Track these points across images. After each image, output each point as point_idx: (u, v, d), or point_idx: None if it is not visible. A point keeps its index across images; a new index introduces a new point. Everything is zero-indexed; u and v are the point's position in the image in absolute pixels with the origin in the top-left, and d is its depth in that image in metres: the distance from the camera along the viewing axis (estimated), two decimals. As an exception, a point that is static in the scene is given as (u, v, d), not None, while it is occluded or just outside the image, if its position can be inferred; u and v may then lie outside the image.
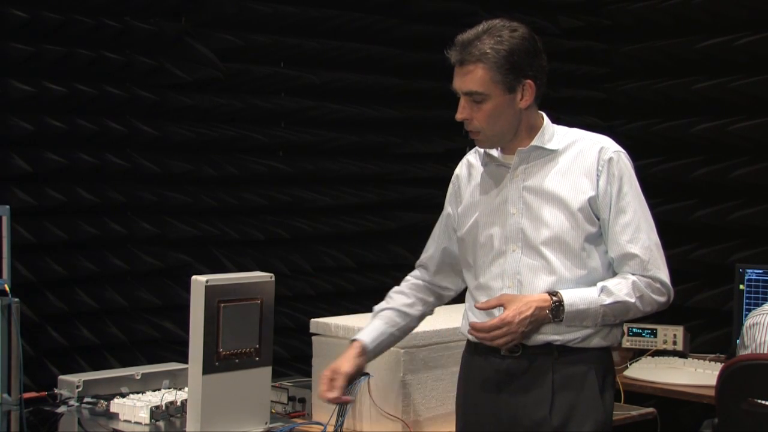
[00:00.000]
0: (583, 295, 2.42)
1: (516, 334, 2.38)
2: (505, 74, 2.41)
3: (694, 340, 4.21)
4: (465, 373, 2.62)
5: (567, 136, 2.53)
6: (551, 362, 2.46)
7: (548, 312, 2.40)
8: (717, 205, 4.37)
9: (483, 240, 2.53)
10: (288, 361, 3.84)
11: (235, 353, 2.49)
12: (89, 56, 3.45)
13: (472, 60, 2.41)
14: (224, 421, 2.49)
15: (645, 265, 2.44)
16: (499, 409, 2.50)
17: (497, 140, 2.50)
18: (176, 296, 3.63)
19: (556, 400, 2.45)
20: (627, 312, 2.46)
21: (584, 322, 2.43)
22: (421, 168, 4.39)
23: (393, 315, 2.66)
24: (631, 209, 2.45)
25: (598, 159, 2.46)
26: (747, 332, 3.16)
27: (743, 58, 4.29)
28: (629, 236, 2.44)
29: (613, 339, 2.52)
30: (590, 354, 2.48)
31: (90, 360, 3.43)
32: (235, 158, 3.90)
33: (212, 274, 2.50)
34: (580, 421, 2.45)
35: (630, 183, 2.47)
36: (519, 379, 2.48)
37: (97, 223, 3.52)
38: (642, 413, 3.45)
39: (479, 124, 2.45)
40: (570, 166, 2.48)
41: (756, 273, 3.89)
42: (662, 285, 2.46)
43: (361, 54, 4.23)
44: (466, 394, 2.61)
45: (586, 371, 2.47)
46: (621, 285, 2.43)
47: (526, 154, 2.51)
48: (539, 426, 2.45)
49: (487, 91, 2.42)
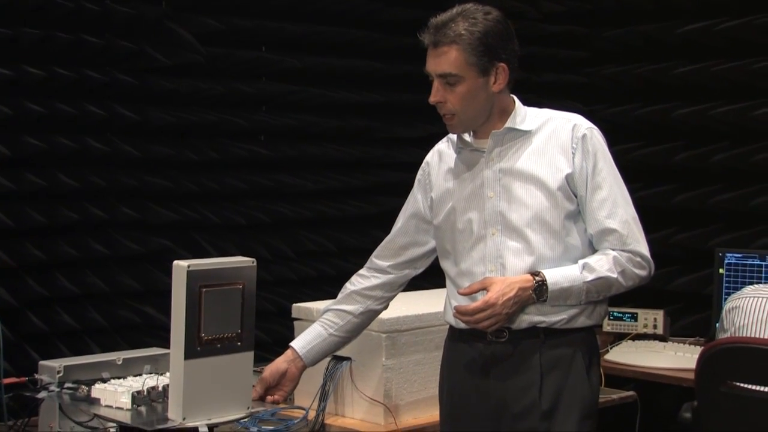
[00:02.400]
0: (566, 273, 2.43)
1: (500, 316, 2.39)
2: (479, 56, 2.42)
3: (674, 324, 4.23)
4: (448, 360, 2.63)
5: (539, 117, 2.54)
6: (538, 345, 2.47)
7: (532, 292, 2.41)
8: (697, 189, 4.39)
9: (461, 226, 2.53)
10: (270, 345, 3.83)
11: (217, 338, 2.49)
12: (68, 40, 3.42)
13: (446, 42, 2.42)
14: (206, 406, 2.48)
15: (624, 240, 2.46)
16: (487, 394, 2.51)
17: (470, 123, 2.50)
18: (157, 281, 3.62)
19: (544, 383, 2.46)
20: (610, 287, 2.47)
21: (568, 300, 2.44)
22: (404, 152, 4.39)
23: (331, 316, 2.70)
24: (607, 185, 2.47)
25: (572, 136, 2.48)
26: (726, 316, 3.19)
27: (724, 42, 4.31)
28: (607, 212, 2.46)
29: (598, 317, 2.54)
30: (576, 335, 2.49)
31: (71, 345, 3.42)
32: (216, 143, 3.89)
33: (194, 259, 2.49)
34: (568, 404, 2.47)
35: (604, 158, 2.49)
36: (506, 364, 2.49)
37: (77, 207, 3.50)
38: (622, 396, 3.48)
39: (453, 106, 2.46)
40: (545, 145, 2.49)
41: (735, 257, 3.92)
42: (642, 258, 2.48)
43: (344, 38, 4.22)
44: (450, 380, 2.62)
45: (573, 353, 2.49)
46: (602, 261, 2.45)
47: (500, 137, 2.51)
48: (529, 410, 2.46)
49: (461, 73, 2.42)
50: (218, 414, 2.52)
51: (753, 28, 4.19)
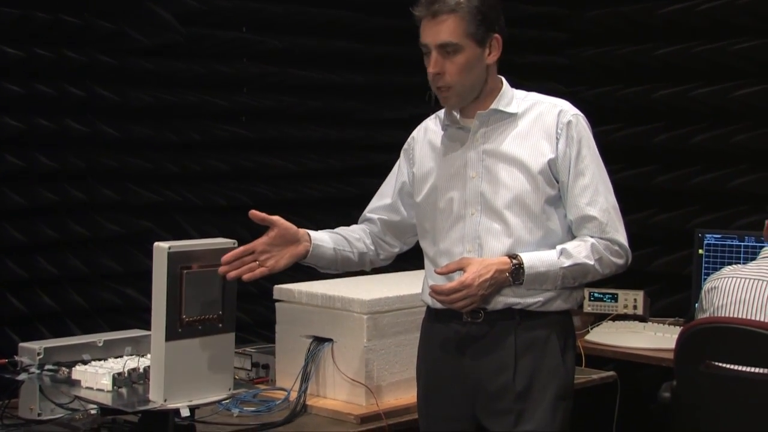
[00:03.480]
0: (543, 257, 2.44)
1: (475, 297, 2.40)
2: (477, 26, 2.43)
3: (654, 305, 4.26)
4: (426, 340, 2.64)
5: (526, 100, 2.54)
6: (513, 327, 2.48)
7: (508, 275, 2.42)
8: (677, 170, 4.41)
9: (442, 205, 2.54)
10: (252, 327, 3.84)
11: (198, 320, 2.49)
12: (47, 19, 3.39)
13: (446, 10, 2.42)
14: (187, 387, 2.49)
15: (603, 228, 2.47)
16: (462, 374, 2.52)
17: (466, 96, 2.50)
18: (138, 263, 3.61)
19: (518, 364, 2.48)
20: (586, 274, 2.48)
21: (544, 285, 2.46)
22: (386, 134, 4.38)
23: (338, 237, 2.69)
24: (589, 172, 2.48)
25: (557, 122, 2.48)
26: (705, 296, 3.21)
27: (704, 24, 4.31)
28: (588, 199, 2.47)
29: (574, 302, 2.55)
30: (551, 318, 2.50)
31: (51, 327, 3.40)
32: (197, 124, 3.87)
33: (175, 241, 2.48)
34: (543, 385, 2.48)
35: (588, 146, 2.50)
36: (481, 345, 2.50)
37: (57, 189, 3.48)
38: (603, 377, 3.50)
39: (451, 78, 2.46)
40: (529, 129, 2.50)
41: (715, 237, 3.94)
42: (620, 247, 2.49)
43: (325, 18, 4.20)
44: (427, 360, 2.63)
45: (548, 335, 2.50)
46: (580, 247, 2.46)
47: (486, 118, 2.52)
48: (503, 390, 2.48)
49: (461, 42, 2.43)
50: (199, 395, 2.52)
51: (733, 8, 4.20)
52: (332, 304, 2.99)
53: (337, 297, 2.99)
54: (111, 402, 2.54)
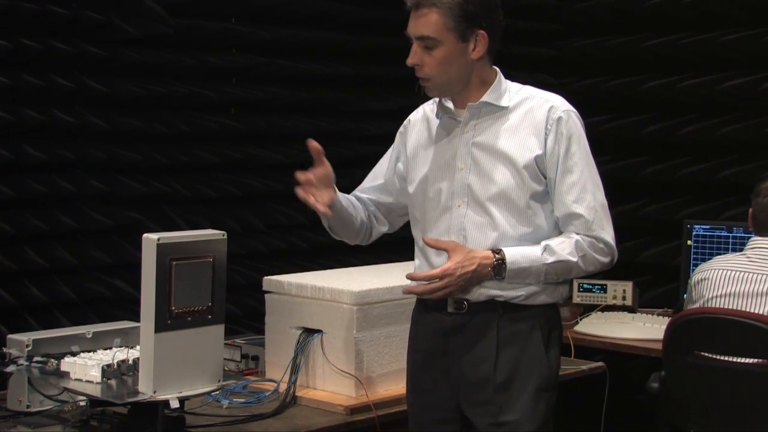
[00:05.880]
0: (526, 253, 2.44)
1: (454, 287, 2.41)
2: (458, 21, 2.42)
3: (643, 295, 4.28)
4: (414, 330, 2.65)
5: (519, 94, 2.54)
6: (496, 319, 2.48)
7: (491, 269, 2.42)
8: (666, 161, 4.42)
9: (432, 195, 2.55)
10: (241, 318, 3.84)
11: (188, 311, 2.49)
12: (35, 10, 3.37)
13: (426, 4, 2.42)
14: (177, 379, 2.48)
15: (589, 225, 2.46)
16: (447, 364, 2.53)
17: (446, 89, 2.51)
18: (127, 254, 3.60)
19: (500, 356, 2.48)
20: (569, 271, 2.48)
21: (526, 279, 2.46)
22: (374, 125, 4.38)
23: (349, 201, 2.72)
24: (578, 169, 2.47)
25: (547, 118, 2.48)
26: (694, 287, 3.23)
27: (693, 15, 4.32)
28: (575, 196, 2.46)
29: (559, 296, 2.56)
30: (535, 311, 2.50)
31: (40, 319, 3.39)
32: (186, 115, 3.86)
33: (164, 232, 2.48)
34: (524, 378, 2.48)
35: (579, 143, 2.48)
36: (464, 335, 2.50)
37: (45, 180, 3.46)
38: (592, 367, 3.51)
39: (429, 70, 2.46)
40: (519, 123, 2.49)
41: (703, 228, 3.96)
42: (605, 245, 2.49)
43: (314, 10, 4.19)
44: (415, 350, 2.64)
45: (531, 328, 2.50)
46: (564, 244, 2.46)
47: (477, 110, 2.52)
48: (484, 381, 2.48)
49: (439, 37, 2.42)
50: (189, 387, 2.52)
51: (722, 0, 4.21)
52: (322, 296, 2.99)
53: (327, 288, 2.99)
54: (100, 394, 2.54)
